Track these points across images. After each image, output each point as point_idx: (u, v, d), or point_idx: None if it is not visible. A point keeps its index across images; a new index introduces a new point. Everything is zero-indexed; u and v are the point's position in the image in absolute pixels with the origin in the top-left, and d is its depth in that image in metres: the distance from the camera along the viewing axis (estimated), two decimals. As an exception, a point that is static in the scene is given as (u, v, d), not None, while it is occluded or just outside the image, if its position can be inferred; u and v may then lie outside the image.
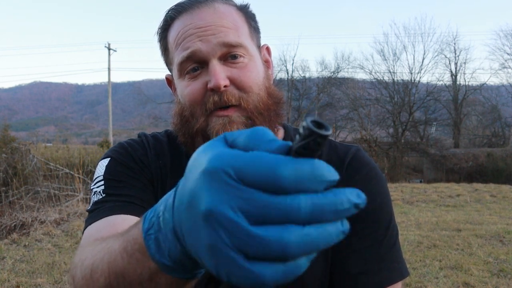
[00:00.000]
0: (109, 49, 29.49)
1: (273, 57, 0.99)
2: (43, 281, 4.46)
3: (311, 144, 0.34)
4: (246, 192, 0.34)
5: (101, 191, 0.84)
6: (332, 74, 28.46)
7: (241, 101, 0.82)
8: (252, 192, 0.34)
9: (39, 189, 9.07)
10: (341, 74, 28.52)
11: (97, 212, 0.81)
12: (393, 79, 26.22)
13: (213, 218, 0.34)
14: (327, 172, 0.35)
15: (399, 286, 0.84)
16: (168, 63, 0.92)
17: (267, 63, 0.93)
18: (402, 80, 26.31)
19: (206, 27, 0.81)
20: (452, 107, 27.50)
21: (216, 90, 0.80)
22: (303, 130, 0.34)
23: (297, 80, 28.44)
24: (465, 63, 29.28)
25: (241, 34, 0.84)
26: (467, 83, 28.34)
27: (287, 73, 27.94)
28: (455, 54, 27.96)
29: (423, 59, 27.06)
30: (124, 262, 0.49)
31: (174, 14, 0.86)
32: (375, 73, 27.34)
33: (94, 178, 0.89)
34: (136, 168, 0.89)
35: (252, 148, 0.37)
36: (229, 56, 0.82)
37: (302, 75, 28.94)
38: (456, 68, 28.01)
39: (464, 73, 34.43)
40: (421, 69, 26.94)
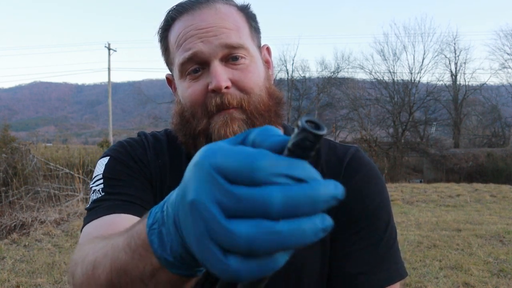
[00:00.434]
0: (109, 49, 29.50)
1: (273, 57, 0.99)
2: (43, 281, 4.46)
3: (304, 142, 0.34)
4: (225, 184, 0.34)
5: (100, 189, 0.84)
6: (332, 74, 28.49)
7: (243, 102, 0.82)
8: (229, 185, 0.34)
9: (39, 189, 9.08)
10: (341, 74, 28.56)
11: (96, 210, 0.81)
12: (393, 79, 26.20)
13: (195, 208, 0.35)
14: (308, 169, 0.35)
15: (397, 286, 0.84)
16: (168, 63, 0.92)
17: (267, 64, 0.93)
18: (402, 80, 26.30)
19: (208, 28, 0.81)
20: (452, 107, 27.47)
21: (217, 91, 0.80)
22: (297, 129, 0.35)
23: (297, 80, 28.42)
24: (465, 63, 29.34)
25: (242, 35, 0.84)
26: (467, 83, 28.36)
27: (287, 73, 27.98)
28: (455, 54, 27.98)
29: (423, 59, 27.06)
30: (127, 257, 0.49)
31: (175, 15, 0.86)
32: (375, 73, 27.35)
33: (93, 177, 0.89)
34: (136, 167, 0.89)
35: (259, 145, 0.37)
36: (230, 58, 0.82)
37: (302, 75, 28.98)
38: (456, 68, 28.03)
39: (464, 73, 34.44)
40: (421, 69, 26.93)
